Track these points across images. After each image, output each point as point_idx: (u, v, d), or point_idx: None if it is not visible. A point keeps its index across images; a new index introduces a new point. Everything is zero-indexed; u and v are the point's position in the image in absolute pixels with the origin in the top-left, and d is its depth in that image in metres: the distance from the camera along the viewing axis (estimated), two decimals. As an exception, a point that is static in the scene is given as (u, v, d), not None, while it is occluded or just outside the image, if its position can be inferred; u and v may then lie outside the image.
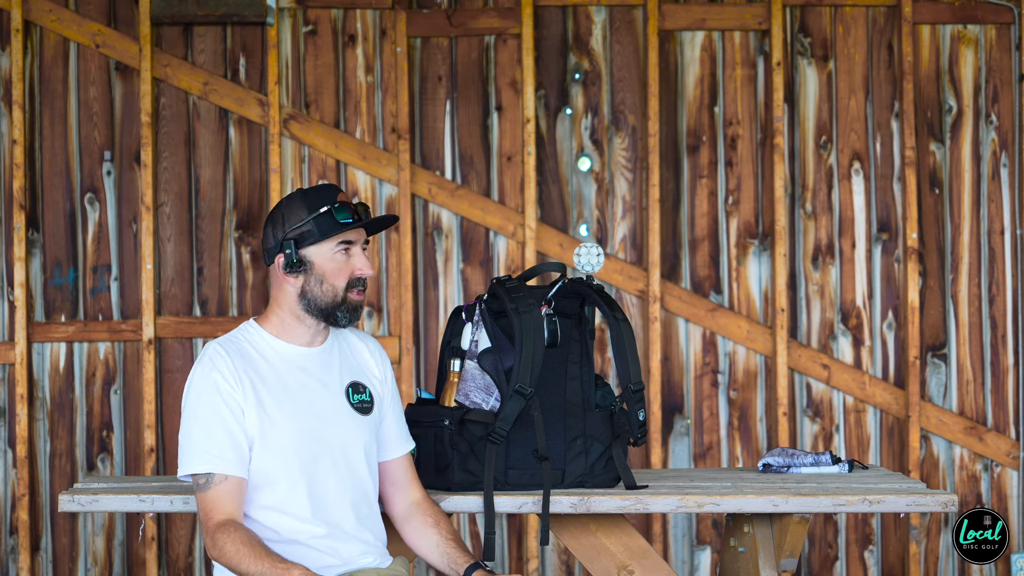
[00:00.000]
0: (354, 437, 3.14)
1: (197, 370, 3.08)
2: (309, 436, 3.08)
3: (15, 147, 5.15)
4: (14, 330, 5.17)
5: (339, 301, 3.13)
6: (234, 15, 5.23)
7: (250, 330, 3.16)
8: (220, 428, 3.02)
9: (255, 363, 3.10)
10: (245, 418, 3.04)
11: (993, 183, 5.36)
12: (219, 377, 3.05)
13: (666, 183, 5.32)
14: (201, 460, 3.02)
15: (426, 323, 5.29)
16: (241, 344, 3.12)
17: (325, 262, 3.12)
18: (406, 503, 3.25)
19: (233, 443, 3.03)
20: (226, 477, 3.01)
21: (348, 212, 3.11)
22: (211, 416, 3.03)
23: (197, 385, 3.07)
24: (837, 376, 5.32)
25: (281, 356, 3.13)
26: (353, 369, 3.21)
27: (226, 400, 3.04)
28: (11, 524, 5.19)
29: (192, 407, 3.06)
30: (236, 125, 5.27)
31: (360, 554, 3.13)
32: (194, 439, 3.03)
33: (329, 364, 3.17)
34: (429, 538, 3.21)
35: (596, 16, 5.34)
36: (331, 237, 3.11)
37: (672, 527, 5.30)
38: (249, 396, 3.06)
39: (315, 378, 3.14)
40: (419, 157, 5.30)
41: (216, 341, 3.12)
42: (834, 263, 5.34)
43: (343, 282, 3.12)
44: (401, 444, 3.27)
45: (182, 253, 5.25)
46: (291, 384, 3.11)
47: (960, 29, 5.36)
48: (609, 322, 3.38)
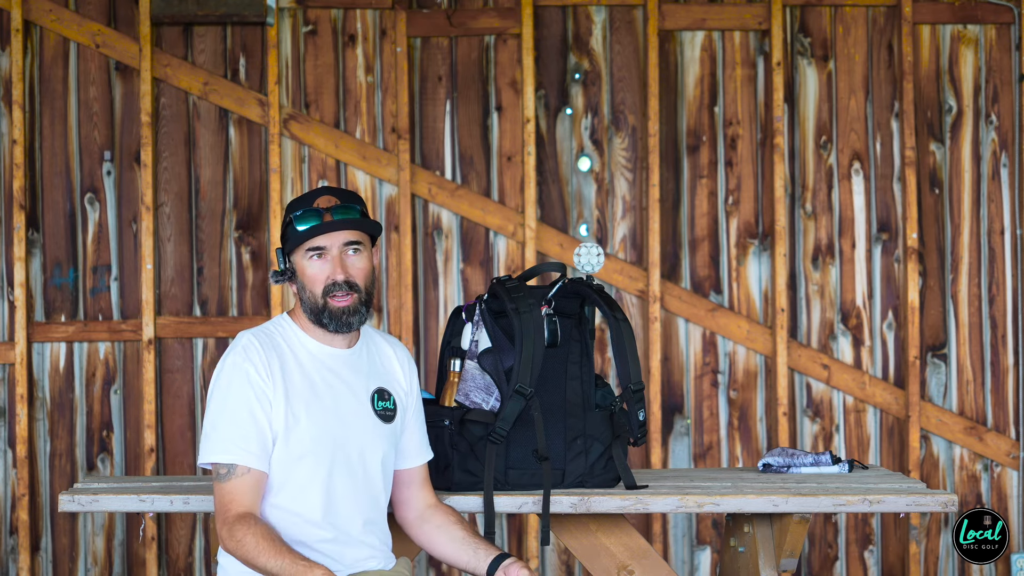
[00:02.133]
0: (374, 444, 3.13)
1: (229, 358, 3.07)
2: (330, 438, 3.07)
3: (15, 147, 5.15)
4: (14, 330, 5.17)
5: (320, 307, 3.09)
6: (234, 15, 5.23)
7: (283, 324, 3.15)
8: (248, 419, 3.01)
9: (286, 357, 3.09)
10: (273, 412, 3.03)
11: (993, 183, 5.36)
12: (251, 368, 3.03)
13: (666, 183, 5.32)
14: (225, 450, 3.00)
15: (426, 323, 5.29)
16: (275, 337, 3.11)
17: (303, 269, 3.10)
18: (422, 506, 3.25)
19: (259, 436, 3.01)
20: (248, 470, 3.00)
21: (312, 218, 3.07)
22: (240, 406, 3.02)
23: (228, 373, 3.05)
24: (837, 376, 5.32)
25: (311, 354, 3.12)
26: (380, 376, 3.20)
27: (256, 392, 3.02)
28: (11, 524, 5.19)
29: (221, 395, 3.04)
30: (236, 125, 5.27)
31: (365, 558, 3.13)
32: (220, 428, 3.02)
33: (357, 367, 3.16)
34: (453, 533, 3.20)
35: (596, 16, 5.34)
36: (299, 246, 3.09)
37: (672, 527, 5.30)
38: (279, 390, 3.05)
39: (342, 380, 3.13)
40: (419, 157, 5.31)
41: (250, 331, 3.11)
42: (834, 263, 5.34)
43: (320, 288, 3.09)
44: (421, 454, 3.28)
45: (182, 253, 5.25)
46: (318, 383, 3.10)
47: (960, 29, 5.36)
48: (609, 322, 3.38)
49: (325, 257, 3.09)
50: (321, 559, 3.06)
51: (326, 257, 3.09)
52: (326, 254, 3.09)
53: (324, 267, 3.09)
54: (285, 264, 3.13)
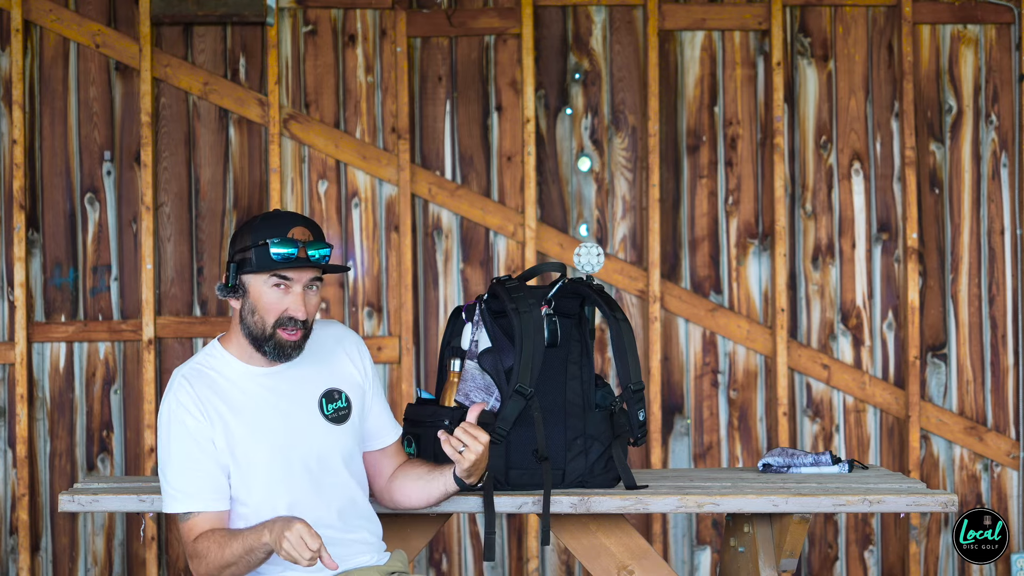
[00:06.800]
0: (330, 447, 3.12)
1: (163, 406, 3.07)
2: (281, 455, 3.06)
3: (15, 147, 5.15)
4: (14, 330, 5.17)
5: (266, 336, 3.06)
6: (234, 15, 5.23)
7: (214, 353, 3.12)
8: (192, 468, 3.02)
9: (221, 388, 3.08)
10: (216, 449, 3.03)
11: (993, 183, 5.36)
12: (186, 415, 3.03)
13: (666, 183, 5.32)
14: (180, 502, 3.03)
15: (426, 323, 5.29)
16: (205, 371, 3.09)
17: (259, 294, 3.06)
18: (391, 473, 3.28)
19: (208, 480, 3.03)
20: (205, 512, 3.03)
21: (289, 249, 3.03)
22: (182, 457, 3.03)
23: (165, 424, 3.06)
24: (837, 376, 5.32)
25: (247, 377, 3.10)
26: (326, 376, 3.18)
27: (195, 436, 3.03)
28: (11, 524, 5.19)
29: (164, 447, 3.06)
30: (236, 125, 5.27)
31: (356, 554, 3.13)
32: (170, 480, 3.04)
33: (298, 377, 3.14)
34: (417, 471, 3.23)
35: (596, 16, 5.34)
36: (265, 271, 3.04)
37: (672, 527, 5.30)
38: (217, 425, 3.04)
39: (283, 396, 3.11)
40: (419, 157, 5.31)
41: (181, 371, 3.09)
42: (834, 263, 5.34)
43: (272, 318, 3.05)
44: (390, 433, 3.28)
45: (182, 253, 5.25)
46: (259, 405, 3.09)
47: (960, 29, 5.36)
48: (609, 322, 3.38)
49: (287, 290, 3.05)
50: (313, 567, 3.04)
51: (289, 290, 3.05)
52: (290, 287, 3.05)
53: (284, 299, 3.05)
54: (235, 280, 3.09)
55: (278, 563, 3.03)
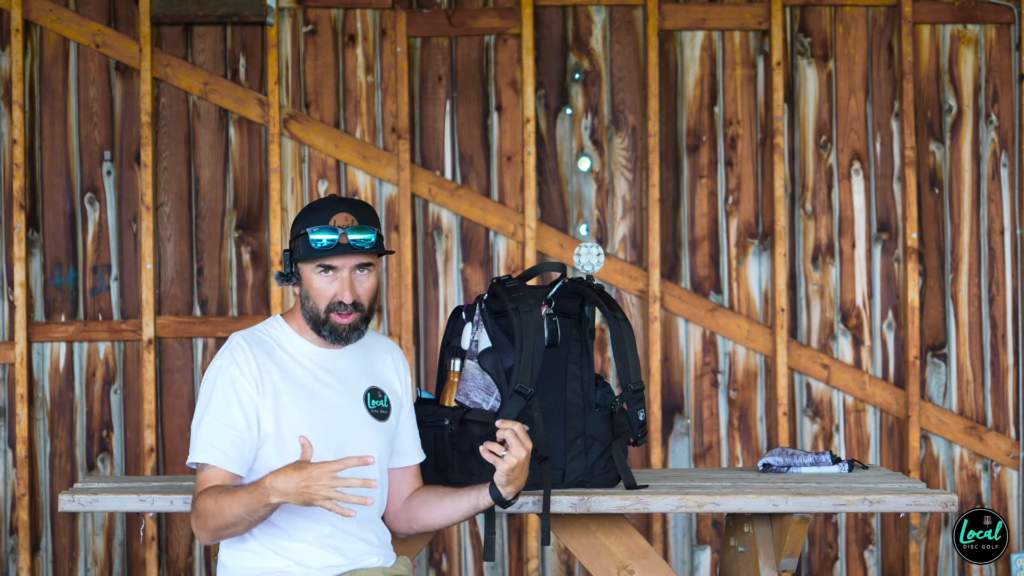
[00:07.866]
0: (368, 441, 3.14)
1: (217, 360, 3.10)
2: (323, 434, 3.08)
3: (15, 147, 5.15)
4: (14, 330, 5.17)
5: (321, 320, 3.11)
6: (234, 15, 5.23)
7: (276, 325, 3.18)
8: (227, 424, 3.04)
9: (277, 358, 3.11)
10: (259, 414, 3.05)
11: (993, 183, 5.36)
12: (237, 371, 3.06)
13: (666, 183, 5.32)
14: (204, 451, 3.04)
15: (426, 323, 5.29)
16: (264, 339, 3.13)
17: (309, 280, 3.12)
18: (409, 495, 3.28)
19: (236, 441, 3.04)
20: (220, 469, 3.04)
21: (329, 236, 3.08)
22: (221, 411, 3.05)
23: (214, 376, 3.08)
24: (837, 376, 5.32)
25: (304, 354, 3.14)
26: (373, 375, 3.21)
27: (240, 395, 3.05)
28: (11, 524, 5.19)
29: (206, 397, 3.08)
30: (236, 125, 5.27)
31: (365, 554, 3.14)
32: (202, 430, 3.05)
33: (350, 366, 3.18)
34: (439, 492, 3.23)
35: (596, 16, 5.34)
36: (310, 259, 3.10)
37: (672, 527, 5.30)
38: (267, 392, 3.07)
39: (336, 378, 3.15)
40: (419, 157, 5.31)
41: (240, 333, 3.13)
42: (834, 263, 5.34)
43: (324, 303, 3.10)
44: (415, 454, 3.30)
45: (182, 253, 5.25)
46: (311, 382, 3.12)
47: (960, 29, 5.36)
48: (609, 322, 3.38)
49: (334, 275, 3.10)
50: (321, 554, 3.07)
51: (335, 275, 3.10)
52: (336, 273, 3.10)
53: (332, 285, 3.10)
54: (291, 268, 3.14)
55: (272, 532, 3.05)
